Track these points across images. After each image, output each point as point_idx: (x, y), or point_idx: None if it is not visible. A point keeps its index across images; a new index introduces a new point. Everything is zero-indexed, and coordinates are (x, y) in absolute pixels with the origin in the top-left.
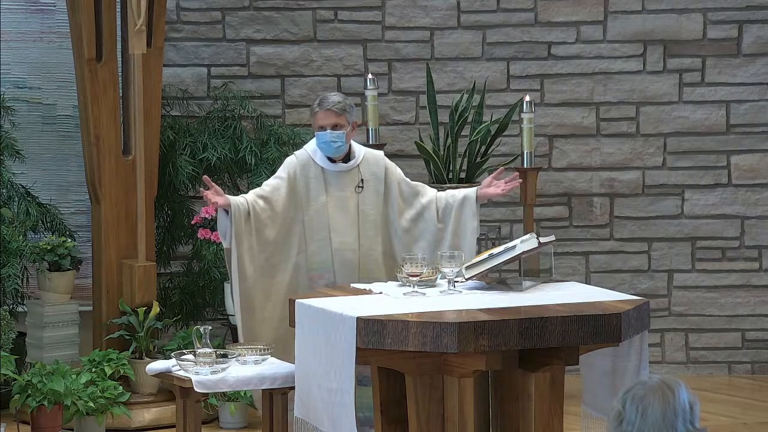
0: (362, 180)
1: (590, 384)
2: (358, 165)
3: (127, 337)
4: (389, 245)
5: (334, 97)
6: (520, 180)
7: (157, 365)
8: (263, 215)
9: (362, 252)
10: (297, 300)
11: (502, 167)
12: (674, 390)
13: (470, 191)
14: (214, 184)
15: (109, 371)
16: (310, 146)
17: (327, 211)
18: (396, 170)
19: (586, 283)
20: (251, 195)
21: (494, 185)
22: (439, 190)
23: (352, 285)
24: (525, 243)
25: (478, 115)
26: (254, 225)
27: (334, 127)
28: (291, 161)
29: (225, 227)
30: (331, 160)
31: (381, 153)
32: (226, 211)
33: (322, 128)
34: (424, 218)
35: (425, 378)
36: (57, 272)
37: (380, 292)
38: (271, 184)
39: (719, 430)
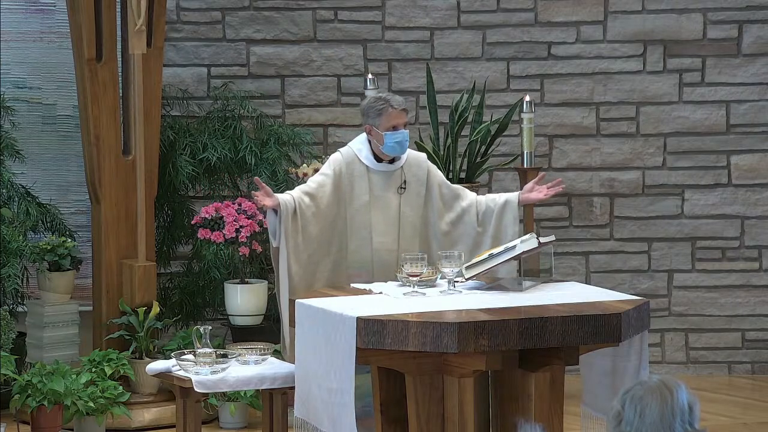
0: (405, 181)
1: (590, 384)
2: (401, 166)
3: (127, 337)
4: (428, 248)
5: (398, 96)
6: (563, 185)
7: (157, 365)
8: (308, 212)
9: (400, 253)
10: (297, 300)
11: (542, 172)
12: (673, 391)
13: (512, 196)
14: (264, 185)
15: (109, 371)
16: (356, 144)
17: (369, 210)
18: (437, 173)
19: (586, 283)
20: (297, 192)
21: (536, 190)
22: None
23: (352, 285)
24: (525, 243)
25: (478, 115)
26: (300, 223)
27: (405, 126)
28: (337, 158)
29: (274, 227)
30: (378, 159)
31: (423, 155)
32: (275, 211)
33: (395, 128)
34: (463, 221)
35: (425, 378)
36: (57, 272)
37: (380, 292)
38: (317, 181)
39: (719, 430)
